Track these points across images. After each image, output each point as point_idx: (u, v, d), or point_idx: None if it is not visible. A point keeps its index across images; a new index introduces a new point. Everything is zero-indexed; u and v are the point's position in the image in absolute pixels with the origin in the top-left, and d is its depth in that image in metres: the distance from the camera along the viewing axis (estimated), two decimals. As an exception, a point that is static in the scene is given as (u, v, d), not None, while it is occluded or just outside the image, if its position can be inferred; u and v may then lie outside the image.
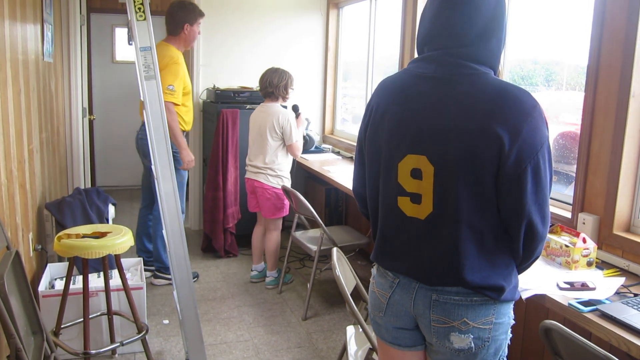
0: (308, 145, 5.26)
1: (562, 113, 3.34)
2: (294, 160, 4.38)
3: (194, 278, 4.12)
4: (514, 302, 1.64)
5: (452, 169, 1.49)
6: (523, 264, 1.62)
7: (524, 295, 2.05)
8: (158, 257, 4.16)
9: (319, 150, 5.54)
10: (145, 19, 2.78)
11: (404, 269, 1.66)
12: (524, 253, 1.57)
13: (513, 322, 1.66)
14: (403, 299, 1.68)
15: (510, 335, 1.67)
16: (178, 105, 3.87)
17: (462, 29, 1.51)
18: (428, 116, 1.54)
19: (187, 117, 4.09)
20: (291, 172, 4.31)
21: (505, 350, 1.66)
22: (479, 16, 1.50)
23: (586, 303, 1.98)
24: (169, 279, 4.05)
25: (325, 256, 4.24)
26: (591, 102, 2.56)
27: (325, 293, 4.24)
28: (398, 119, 1.61)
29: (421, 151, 1.54)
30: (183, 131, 4.02)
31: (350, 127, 5.75)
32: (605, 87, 2.49)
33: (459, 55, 1.52)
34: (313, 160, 5.02)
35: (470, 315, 1.57)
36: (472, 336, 1.58)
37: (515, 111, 1.44)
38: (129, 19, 2.77)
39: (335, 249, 2.36)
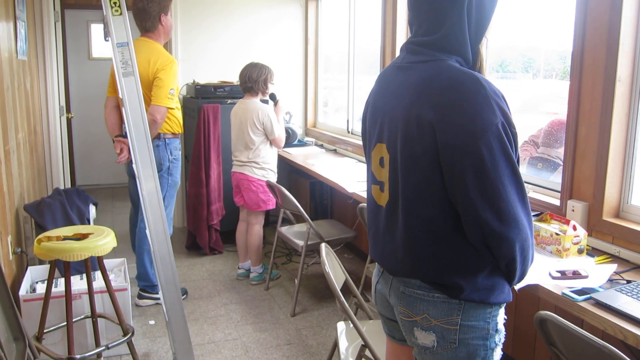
0: (291, 138, 5.21)
1: (543, 102, 3.32)
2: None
3: (183, 295, 3.92)
4: (498, 307, 1.53)
5: (399, 158, 1.48)
6: (504, 269, 1.47)
7: (517, 286, 2.01)
8: (144, 274, 3.81)
9: (302, 143, 5.49)
10: (121, 14, 2.70)
11: (378, 258, 1.67)
12: (494, 255, 1.44)
13: (499, 329, 1.54)
14: (383, 288, 1.67)
15: (498, 344, 1.55)
16: (172, 109, 3.63)
17: (424, 17, 1.50)
18: (390, 105, 1.54)
19: (181, 120, 3.84)
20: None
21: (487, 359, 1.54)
22: (437, 3, 1.46)
23: (580, 292, 1.96)
24: (156, 299, 3.79)
25: (312, 251, 4.20)
26: (577, 87, 2.53)
27: (313, 288, 4.20)
28: (374, 109, 1.64)
29: (383, 140, 1.56)
30: (177, 134, 3.82)
31: (332, 119, 5.70)
32: (591, 72, 2.47)
33: (423, 44, 1.50)
34: (296, 154, 4.97)
35: (432, 312, 1.51)
36: (434, 334, 1.51)
37: (451, 97, 1.37)
38: (105, 14, 2.69)
39: (323, 245, 2.32)
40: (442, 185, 1.42)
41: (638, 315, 1.76)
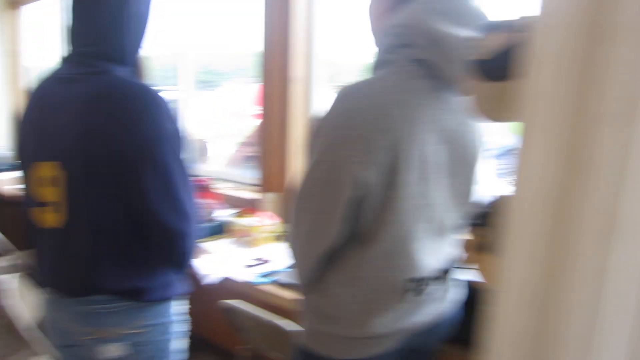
0: None
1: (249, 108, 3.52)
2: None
3: None
4: (177, 299, 1.61)
5: (78, 174, 1.43)
6: (179, 263, 1.54)
7: (206, 281, 2.11)
8: None
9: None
10: None
11: (54, 283, 1.58)
12: (170, 252, 1.49)
13: (183, 318, 1.63)
14: (57, 315, 1.59)
15: (179, 334, 1.63)
16: None
17: (86, 26, 1.47)
18: (55, 121, 1.47)
19: None
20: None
21: (173, 349, 1.62)
22: (99, 12, 1.46)
23: (266, 276, 2.12)
24: None
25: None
26: (264, 90, 2.74)
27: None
28: (30, 125, 1.54)
29: (52, 157, 1.47)
30: None
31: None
32: (270, 75, 2.69)
33: (84, 54, 1.48)
34: None
35: (119, 322, 1.52)
36: (125, 343, 1.52)
37: (129, 109, 1.40)
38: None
39: None
40: (123, 195, 1.43)
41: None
